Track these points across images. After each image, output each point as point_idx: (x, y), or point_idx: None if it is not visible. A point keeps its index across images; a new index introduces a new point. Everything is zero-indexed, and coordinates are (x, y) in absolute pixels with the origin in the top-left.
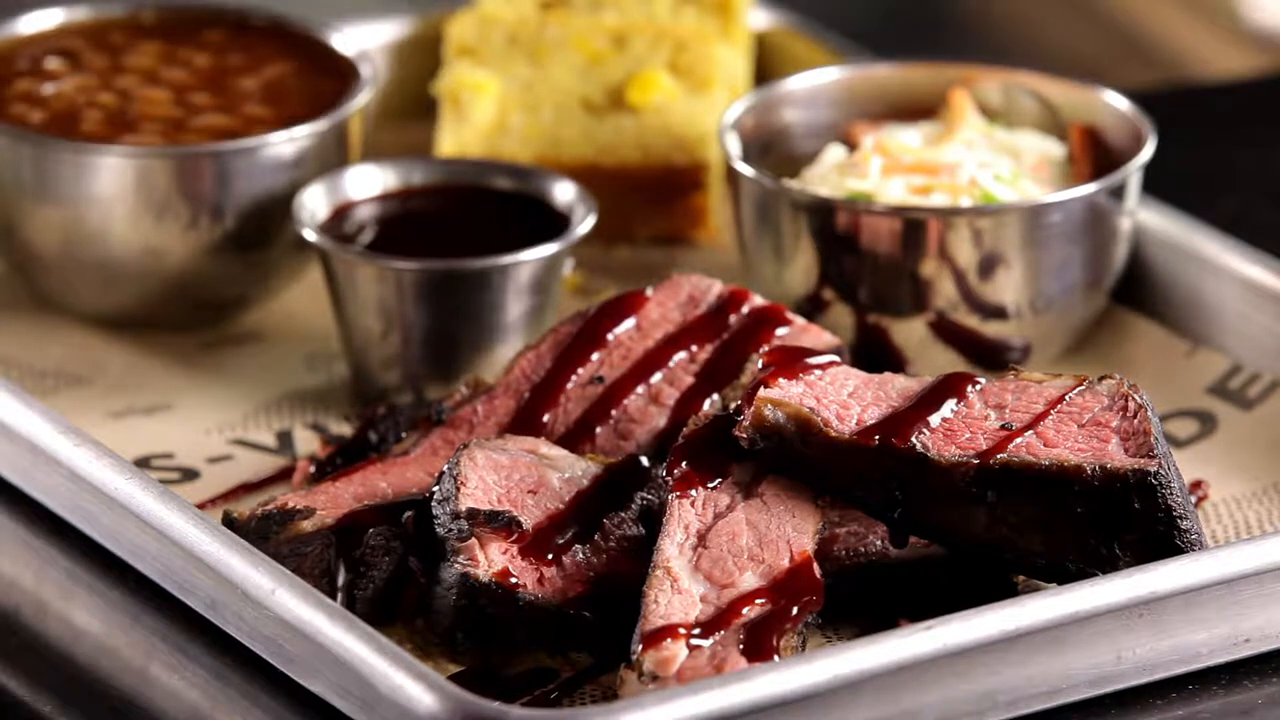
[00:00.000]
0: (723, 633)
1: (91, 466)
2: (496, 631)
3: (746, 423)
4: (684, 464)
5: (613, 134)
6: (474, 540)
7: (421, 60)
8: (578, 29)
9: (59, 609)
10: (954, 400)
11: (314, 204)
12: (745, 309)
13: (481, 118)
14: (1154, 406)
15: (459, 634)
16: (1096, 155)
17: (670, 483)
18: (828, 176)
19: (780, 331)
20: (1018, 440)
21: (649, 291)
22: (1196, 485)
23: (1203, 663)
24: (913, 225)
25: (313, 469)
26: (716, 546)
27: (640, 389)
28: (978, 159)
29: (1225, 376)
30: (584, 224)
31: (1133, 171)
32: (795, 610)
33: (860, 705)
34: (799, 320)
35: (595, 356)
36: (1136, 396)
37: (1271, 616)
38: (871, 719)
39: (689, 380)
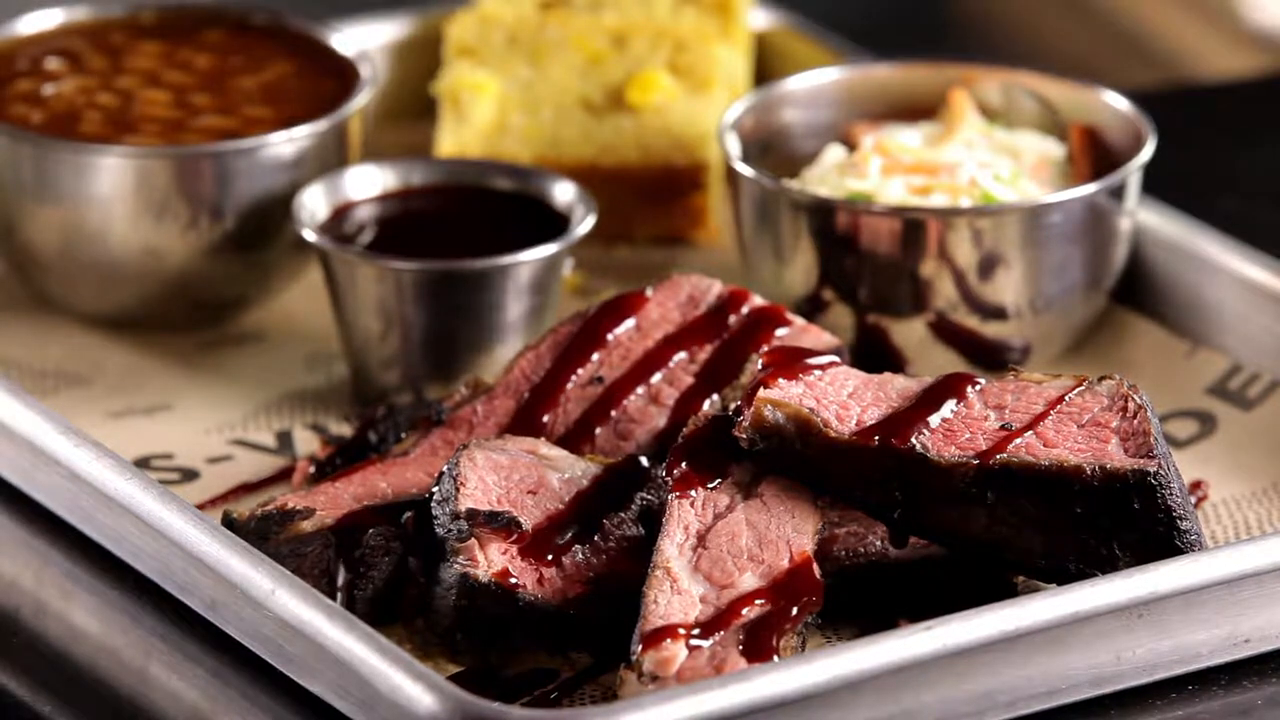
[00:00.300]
0: (722, 633)
1: (91, 467)
2: (496, 631)
3: (746, 423)
4: (684, 464)
5: (613, 134)
6: (474, 541)
7: (421, 60)
8: (578, 29)
9: (59, 609)
10: (954, 400)
11: (314, 204)
12: (745, 309)
13: (481, 118)
14: (1154, 406)
15: (459, 634)
16: (1096, 155)
17: (670, 483)
18: (828, 176)
19: (780, 332)
20: (1017, 440)
21: (649, 291)
22: (1196, 485)
23: (1203, 663)
24: (913, 225)
25: (312, 469)
26: (716, 547)
27: (640, 389)
28: (978, 159)
29: (1225, 376)
30: (584, 224)
31: (1133, 171)
32: (795, 610)
33: (860, 705)
34: (799, 320)
35: (595, 356)
36: (1136, 397)
37: (1271, 616)
38: (871, 719)
39: (689, 380)
